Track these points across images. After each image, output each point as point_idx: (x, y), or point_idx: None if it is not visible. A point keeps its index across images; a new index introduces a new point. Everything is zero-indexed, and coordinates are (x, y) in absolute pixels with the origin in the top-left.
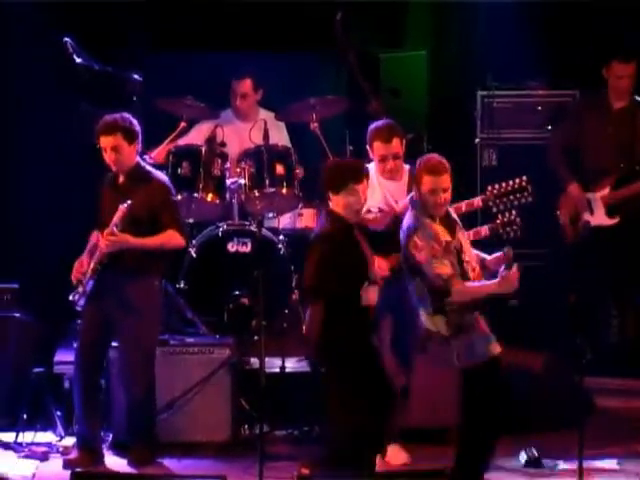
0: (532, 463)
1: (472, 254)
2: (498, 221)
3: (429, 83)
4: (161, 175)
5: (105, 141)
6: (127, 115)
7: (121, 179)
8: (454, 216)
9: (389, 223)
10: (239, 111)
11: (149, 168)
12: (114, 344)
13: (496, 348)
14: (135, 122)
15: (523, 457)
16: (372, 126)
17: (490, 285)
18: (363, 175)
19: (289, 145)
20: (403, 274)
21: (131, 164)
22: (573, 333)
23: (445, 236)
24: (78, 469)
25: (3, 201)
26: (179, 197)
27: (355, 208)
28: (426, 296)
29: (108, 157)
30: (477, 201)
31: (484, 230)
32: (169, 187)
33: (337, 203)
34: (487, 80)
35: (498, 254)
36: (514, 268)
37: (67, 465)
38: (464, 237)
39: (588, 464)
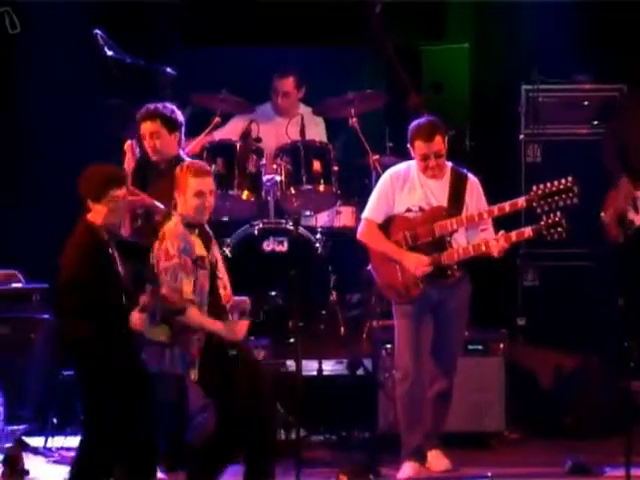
0: (578, 470)
1: (224, 271)
2: (542, 222)
3: (472, 77)
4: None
5: (145, 127)
6: (171, 105)
7: (162, 167)
8: (208, 230)
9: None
10: (279, 108)
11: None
12: None
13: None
14: (178, 112)
15: (568, 464)
16: (413, 124)
17: (218, 325)
18: (123, 181)
19: (327, 141)
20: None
21: (171, 154)
22: (622, 336)
23: (201, 250)
24: None
25: (33, 201)
26: None
27: (117, 215)
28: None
29: (147, 143)
30: (521, 201)
31: (528, 231)
32: None
33: (97, 212)
34: (532, 74)
35: (242, 298)
36: (245, 320)
37: None
38: (218, 253)
39: (635, 471)
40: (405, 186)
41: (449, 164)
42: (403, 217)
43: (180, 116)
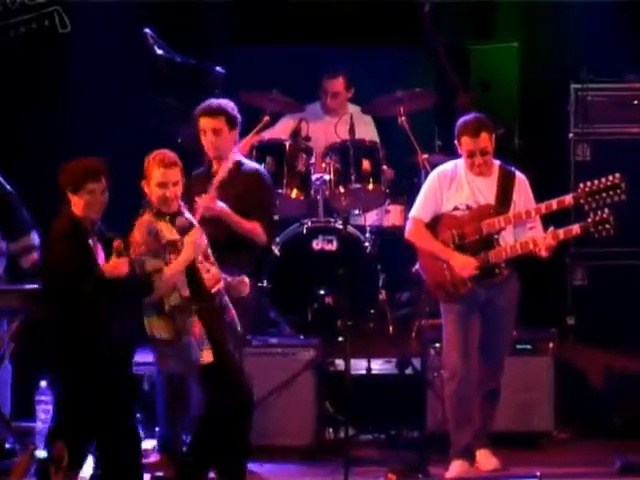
0: (627, 470)
1: (208, 254)
2: (590, 220)
3: (520, 76)
4: (260, 167)
5: (206, 122)
6: (231, 102)
7: (215, 167)
8: (188, 215)
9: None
10: (329, 108)
11: (245, 159)
12: None
13: (209, 356)
14: (237, 110)
15: (618, 464)
16: (460, 121)
17: (179, 261)
18: (101, 174)
19: (377, 140)
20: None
21: (228, 152)
22: None
23: (172, 235)
24: (158, 473)
25: None
26: None
27: (95, 208)
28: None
29: (207, 139)
30: (568, 199)
31: (575, 229)
32: (268, 180)
33: (76, 203)
34: (581, 73)
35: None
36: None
37: (147, 469)
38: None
39: None
40: (452, 184)
41: (497, 162)
42: (450, 215)
43: (239, 115)
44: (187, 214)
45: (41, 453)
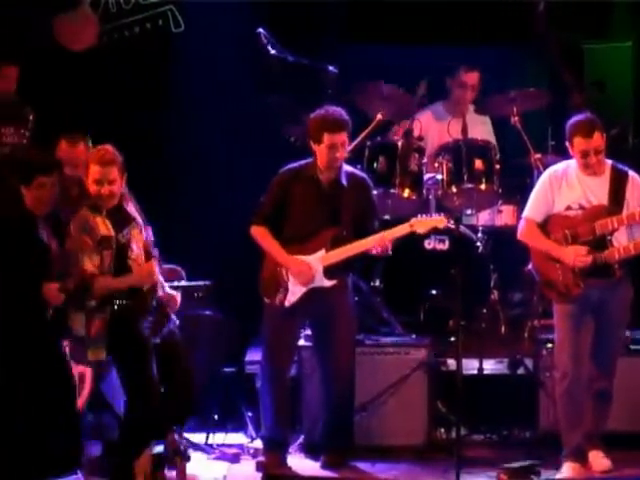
0: None
1: (140, 252)
2: None
3: (635, 75)
4: (363, 174)
5: (335, 138)
6: (339, 108)
7: (326, 177)
8: (131, 211)
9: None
10: (457, 101)
11: (350, 167)
12: (306, 344)
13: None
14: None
15: None
16: (571, 121)
17: (128, 279)
18: (53, 168)
19: (493, 140)
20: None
21: (342, 161)
22: None
23: (106, 231)
24: (270, 472)
25: (196, 199)
26: (374, 192)
27: (45, 201)
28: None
29: (333, 154)
30: None
31: None
32: (371, 187)
33: (27, 197)
34: None
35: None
36: (151, 262)
37: (260, 467)
38: (139, 233)
39: None
40: (563, 184)
41: (608, 162)
42: (563, 215)
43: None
44: (131, 208)
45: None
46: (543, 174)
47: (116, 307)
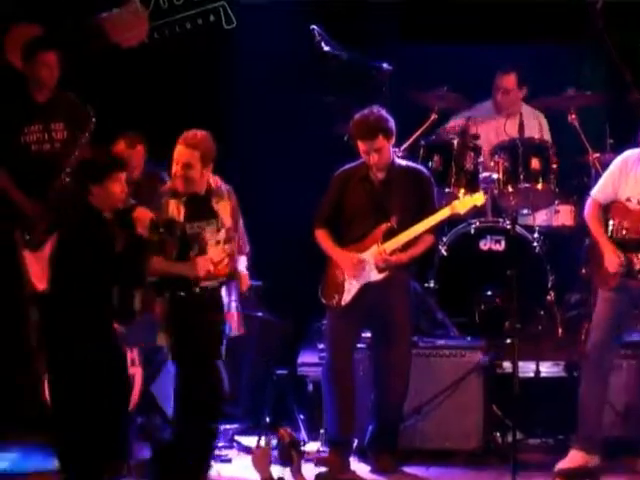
0: None
1: (218, 249)
2: None
3: None
4: (422, 168)
5: (368, 145)
6: (380, 111)
7: (379, 176)
8: (219, 209)
9: None
10: (500, 105)
11: (405, 161)
12: (360, 345)
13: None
14: (389, 117)
15: None
16: None
17: (178, 265)
18: (125, 163)
19: (549, 138)
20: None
21: (389, 161)
22: None
23: (174, 214)
24: (335, 477)
25: (249, 199)
26: None
27: (118, 198)
28: None
29: (371, 158)
30: None
31: None
32: (432, 180)
33: (98, 194)
34: None
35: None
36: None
37: (318, 463)
38: (216, 232)
39: None
40: (632, 174)
41: None
42: (622, 205)
43: (392, 120)
44: (220, 206)
45: None
46: (618, 157)
47: (171, 296)
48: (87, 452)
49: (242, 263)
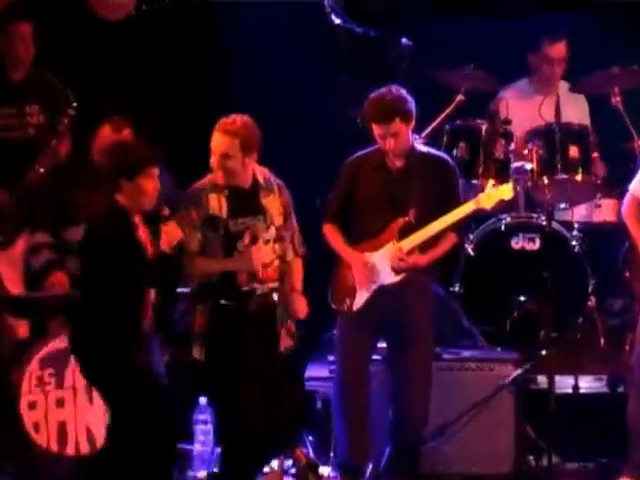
0: None
1: (267, 249)
2: None
3: None
4: (446, 156)
5: (383, 128)
6: (399, 90)
7: (397, 164)
8: (269, 205)
9: None
10: (548, 79)
11: (426, 148)
12: (375, 357)
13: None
14: (409, 98)
15: None
16: None
17: (228, 263)
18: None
19: (587, 123)
20: None
21: (407, 147)
22: None
23: (217, 211)
24: None
25: None
26: None
27: (152, 194)
28: None
29: (387, 144)
30: None
31: None
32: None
33: (130, 191)
34: None
35: None
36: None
37: None
38: (264, 230)
39: None
40: None
41: None
42: None
43: (412, 101)
44: (269, 201)
45: (201, 473)
46: None
47: (213, 304)
48: None
49: (297, 273)
